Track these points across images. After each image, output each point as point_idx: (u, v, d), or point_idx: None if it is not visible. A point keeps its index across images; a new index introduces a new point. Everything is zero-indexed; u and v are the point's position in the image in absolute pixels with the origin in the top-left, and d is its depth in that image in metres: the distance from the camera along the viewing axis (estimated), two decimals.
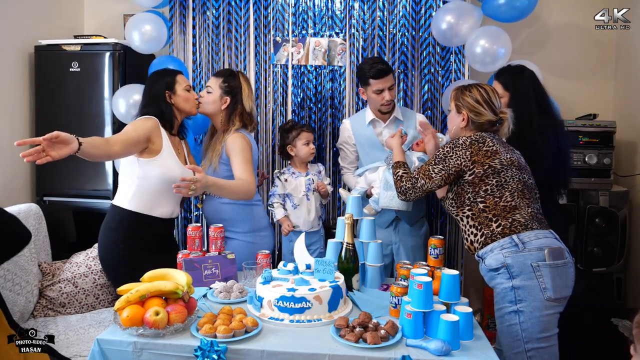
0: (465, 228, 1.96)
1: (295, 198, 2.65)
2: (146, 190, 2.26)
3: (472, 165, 1.91)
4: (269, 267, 2.07)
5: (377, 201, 2.42)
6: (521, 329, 1.79)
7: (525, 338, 1.79)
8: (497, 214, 1.87)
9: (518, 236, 1.83)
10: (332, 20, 3.08)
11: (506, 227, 1.85)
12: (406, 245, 2.60)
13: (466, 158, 1.91)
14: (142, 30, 2.90)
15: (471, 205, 1.92)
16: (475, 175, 1.91)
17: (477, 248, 1.92)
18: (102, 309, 2.61)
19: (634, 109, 3.07)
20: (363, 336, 1.54)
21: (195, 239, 2.12)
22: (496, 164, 1.90)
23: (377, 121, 2.62)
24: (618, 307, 2.85)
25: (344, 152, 2.73)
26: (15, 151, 3.00)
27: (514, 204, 1.87)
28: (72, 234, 3.04)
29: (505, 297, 1.82)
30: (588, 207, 2.82)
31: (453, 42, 2.85)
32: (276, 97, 3.13)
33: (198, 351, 1.49)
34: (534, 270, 1.78)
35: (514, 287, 1.80)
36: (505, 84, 2.31)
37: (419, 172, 2.03)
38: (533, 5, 2.76)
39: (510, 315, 1.81)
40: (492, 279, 1.88)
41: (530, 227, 1.85)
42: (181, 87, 2.36)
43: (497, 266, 1.83)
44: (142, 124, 2.23)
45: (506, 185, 1.89)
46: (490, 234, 1.87)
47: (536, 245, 1.81)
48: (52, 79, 2.98)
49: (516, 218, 1.85)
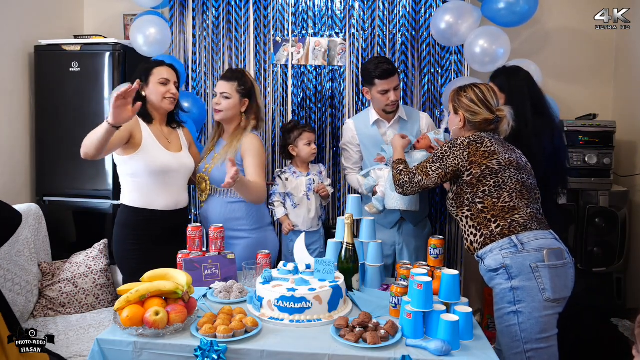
0: (465, 228, 1.96)
1: (295, 197, 2.66)
2: (141, 185, 2.27)
3: (469, 166, 1.92)
4: (269, 267, 2.07)
5: (381, 200, 2.41)
6: (520, 329, 1.79)
7: (525, 339, 1.79)
8: (496, 214, 1.87)
9: (517, 237, 1.83)
10: (332, 20, 3.08)
11: (505, 228, 1.85)
12: (410, 246, 2.60)
13: (463, 158, 1.92)
14: (146, 34, 2.90)
15: (470, 205, 1.93)
16: (473, 176, 1.91)
17: (477, 248, 1.92)
18: (102, 309, 2.61)
19: (634, 109, 3.07)
20: (363, 336, 1.54)
21: (195, 239, 2.12)
22: (494, 164, 1.90)
23: (381, 121, 2.61)
24: (618, 307, 2.85)
25: (347, 153, 2.71)
26: (15, 151, 3.02)
27: (513, 204, 1.87)
28: (72, 234, 3.04)
29: (505, 298, 1.83)
30: (588, 207, 2.82)
31: (452, 41, 2.85)
32: (276, 97, 3.13)
33: (198, 351, 1.49)
34: (532, 271, 1.78)
35: (512, 287, 1.80)
36: (501, 86, 2.28)
37: (417, 168, 2.06)
38: (533, 10, 2.76)
39: (510, 315, 1.81)
40: (492, 280, 1.88)
41: (529, 227, 1.84)
42: (155, 79, 2.31)
43: (496, 267, 1.83)
44: None
45: (504, 186, 1.89)
46: (490, 234, 1.87)
47: (535, 246, 1.81)
48: (52, 79, 2.98)
49: (515, 219, 1.85)
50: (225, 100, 2.41)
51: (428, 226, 2.72)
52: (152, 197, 2.28)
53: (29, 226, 2.55)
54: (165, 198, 2.30)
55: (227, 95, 2.41)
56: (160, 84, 2.31)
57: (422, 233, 2.65)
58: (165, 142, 2.34)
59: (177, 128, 2.47)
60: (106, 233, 2.87)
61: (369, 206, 2.45)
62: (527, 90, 2.27)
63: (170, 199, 2.32)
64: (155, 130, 2.33)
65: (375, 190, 2.48)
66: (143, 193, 2.28)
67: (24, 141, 3.01)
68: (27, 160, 3.04)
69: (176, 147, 2.39)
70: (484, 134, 1.98)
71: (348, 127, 2.69)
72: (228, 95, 2.41)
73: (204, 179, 2.46)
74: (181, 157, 2.37)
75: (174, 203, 2.33)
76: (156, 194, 2.28)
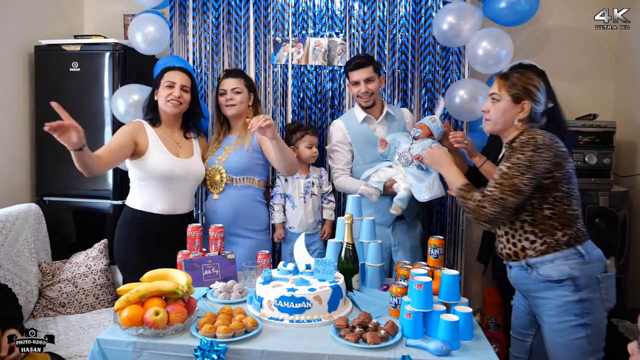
0: (517, 233, 1.77)
1: (294, 199, 2.66)
2: (145, 189, 2.30)
3: (553, 168, 1.70)
4: (269, 267, 2.07)
5: (405, 199, 2.40)
6: (588, 342, 1.71)
7: (591, 351, 1.72)
8: (564, 222, 1.72)
9: (582, 246, 1.72)
10: (332, 20, 3.08)
11: (572, 237, 1.72)
12: (405, 247, 2.60)
13: (550, 160, 1.69)
14: (145, 32, 2.90)
15: (533, 210, 1.74)
16: (553, 180, 1.71)
17: (530, 255, 1.75)
18: (102, 309, 2.61)
19: (633, 109, 3.07)
20: (363, 336, 1.54)
21: (195, 239, 2.12)
22: (570, 167, 1.74)
23: (369, 118, 2.63)
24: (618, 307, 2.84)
25: (339, 154, 2.68)
26: (15, 151, 3.02)
27: (577, 212, 1.75)
28: (72, 234, 3.04)
29: (570, 310, 1.71)
30: (588, 207, 2.82)
31: (454, 42, 2.85)
32: (276, 97, 3.13)
33: (198, 351, 1.49)
34: (598, 282, 1.71)
35: (580, 299, 1.70)
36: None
37: (502, 191, 1.70)
38: (534, 10, 2.76)
39: (577, 328, 1.71)
40: (548, 290, 1.73)
41: (588, 236, 1.76)
42: (163, 82, 2.34)
43: (559, 278, 1.70)
44: (121, 129, 2.32)
45: (573, 192, 1.75)
46: (555, 243, 1.72)
47: (596, 255, 1.74)
48: (52, 79, 2.98)
49: (578, 227, 1.74)
50: (238, 95, 2.51)
51: (419, 225, 2.73)
52: (152, 200, 2.30)
53: (29, 226, 2.55)
54: (164, 203, 2.31)
55: (238, 90, 2.51)
56: (167, 87, 2.34)
57: (414, 232, 2.66)
58: (174, 147, 2.35)
59: (194, 138, 2.47)
60: (106, 233, 2.87)
61: (394, 208, 2.42)
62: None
63: (169, 204, 2.32)
64: (162, 134, 2.35)
65: (390, 191, 2.45)
66: (144, 196, 2.30)
67: (24, 141, 3.01)
68: (27, 160, 3.04)
69: (187, 153, 2.39)
70: (548, 131, 1.75)
71: (338, 126, 2.68)
72: (239, 89, 2.51)
73: (219, 171, 2.47)
74: (190, 163, 2.37)
75: (172, 208, 2.33)
76: (156, 198, 2.30)
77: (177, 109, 2.35)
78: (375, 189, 2.42)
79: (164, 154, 2.30)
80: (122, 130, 2.30)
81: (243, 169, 2.46)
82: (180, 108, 2.36)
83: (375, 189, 2.42)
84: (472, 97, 2.75)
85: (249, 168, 2.47)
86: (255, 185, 2.50)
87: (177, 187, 2.33)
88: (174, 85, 2.34)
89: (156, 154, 2.28)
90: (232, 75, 2.54)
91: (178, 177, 2.31)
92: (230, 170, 2.46)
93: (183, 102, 2.35)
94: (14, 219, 2.45)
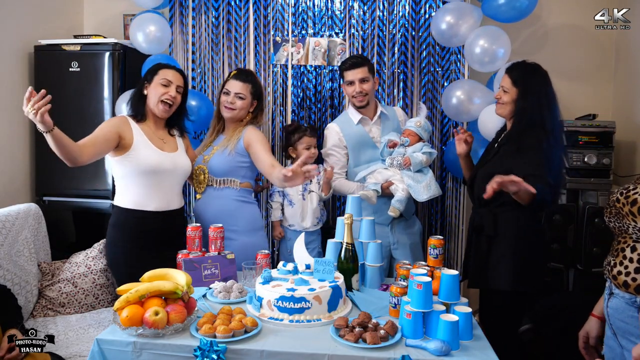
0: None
1: (292, 197, 2.68)
2: (133, 186, 2.26)
3: None
4: (269, 267, 2.07)
5: (403, 201, 2.45)
6: None
7: None
8: None
9: None
10: (331, 20, 3.08)
11: None
12: (404, 244, 2.60)
13: None
14: (146, 31, 2.90)
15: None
16: None
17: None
18: (101, 309, 2.61)
19: (633, 109, 3.07)
20: (363, 336, 1.54)
21: (195, 239, 2.12)
22: None
23: (364, 119, 2.64)
24: None
25: (334, 157, 2.67)
26: (15, 151, 3.02)
27: None
28: (72, 234, 3.04)
29: None
30: (587, 207, 2.82)
31: (452, 42, 2.85)
32: (276, 97, 3.13)
33: (197, 351, 1.49)
34: None
35: None
36: (516, 80, 2.18)
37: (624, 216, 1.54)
38: (533, 6, 2.77)
39: None
40: None
41: None
42: (158, 79, 2.31)
43: None
44: (106, 122, 2.30)
45: None
46: None
47: None
48: (52, 79, 2.98)
49: None
50: (240, 101, 2.47)
51: (418, 223, 2.74)
52: (144, 197, 2.26)
53: (28, 226, 2.55)
54: (157, 200, 2.28)
55: (242, 96, 2.47)
56: (162, 85, 2.30)
57: (413, 230, 2.67)
58: (159, 142, 2.33)
59: (178, 136, 2.44)
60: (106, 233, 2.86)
61: (393, 210, 2.46)
62: (543, 89, 2.16)
63: (162, 200, 2.29)
64: (147, 129, 2.32)
65: (387, 192, 2.48)
66: (136, 194, 2.26)
67: (24, 141, 3.01)
68: (27, 160, 3.04)
69: (171, 148, 2.37)
70: None
71: (333, 130, 2.67)
72: (243, 96, 2.47)
73: (203, 171, 2.47)
74: (176, 157, 2.34)
75: (166, 204, 2.31)
76: (149, 194, 2.26)
77: (167, 113, 2.34)
78: (374, 191, 2.45)
79: (150, 149, 2.27)
80: (107, 123, 2.27)
81: (224, 171, 2.44)
82: (170, 111, 2.34)
83: (374, 191, 2.45)
84: (468, 98, 2.76)
85: (230, 171, 2.44)
86: (237, 187, 2.45)
87: (167, 182, 2.30)
88: (170, 85, 2.31)
89: (142, 148, 2.25)
90: (240, 79, 2.48)
91: (167, 170, 2.28)
92: (211, 172, 2.45)
93: (175, 104, 2.34)
94: (13, 218, 2.44)
